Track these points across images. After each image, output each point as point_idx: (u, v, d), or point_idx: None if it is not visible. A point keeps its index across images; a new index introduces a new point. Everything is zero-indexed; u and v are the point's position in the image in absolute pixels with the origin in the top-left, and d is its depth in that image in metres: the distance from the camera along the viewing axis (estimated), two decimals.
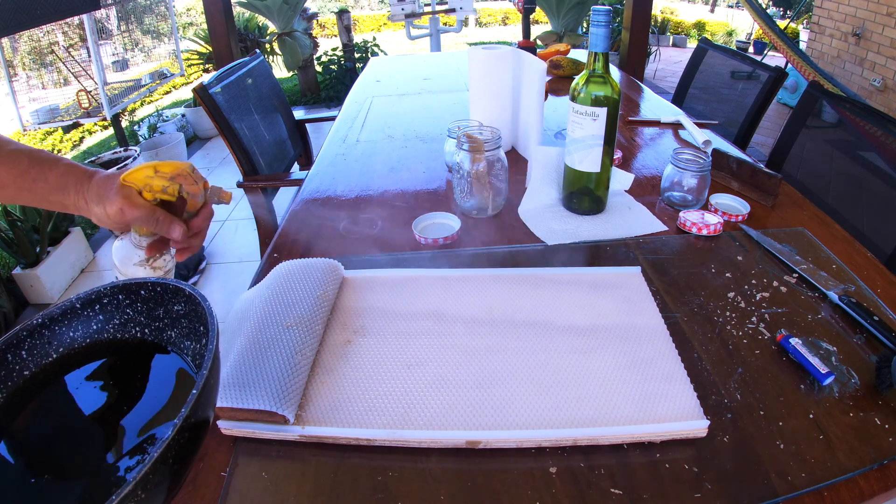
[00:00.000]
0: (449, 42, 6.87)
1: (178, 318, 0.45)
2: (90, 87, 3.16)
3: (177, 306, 0.45)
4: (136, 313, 0.46)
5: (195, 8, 7.03)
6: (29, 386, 0.42)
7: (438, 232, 0.86)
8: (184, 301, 0.44)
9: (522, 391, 0.53)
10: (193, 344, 0.44)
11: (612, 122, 0.80)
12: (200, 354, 0.42)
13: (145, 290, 0.45)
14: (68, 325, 0.45)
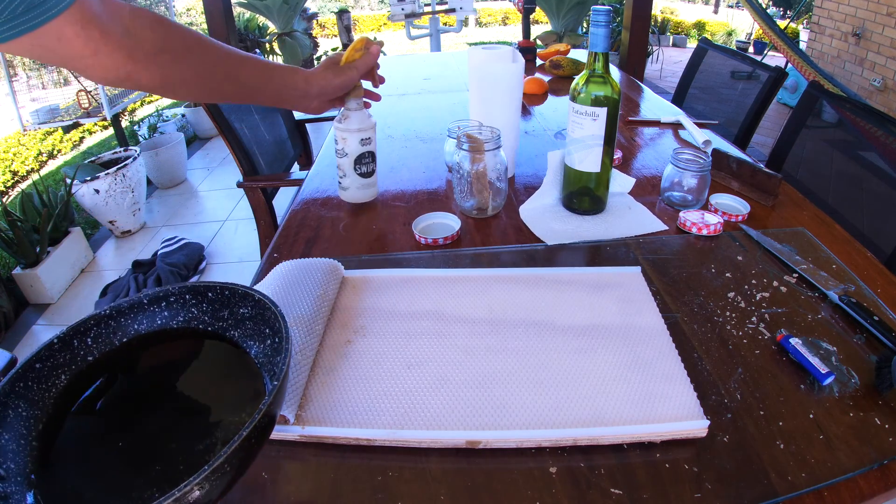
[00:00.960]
0: (449, 42, 6.87)
1: (242, 319, 0.47)
2: (90, 86, 3.15)
3: (242, 309, 0.47)
4: (200, 312, 0.48)
5: (195, 8, 7.03)
6: (91, 370, 0.44)
7: (438, 232, 0.86)
8: (251, 305, 0.46)
9: (522, 391, 0.53)
10: (257, 344, 0.46)
11: (612, 122, 0.80)
12: (263, 353, 0.45)
13: (213, 293, 0.48)
14: (133, 317, 0.47)
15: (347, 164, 0.91)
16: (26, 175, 3.55)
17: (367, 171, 0.93)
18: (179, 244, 2.37)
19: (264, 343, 0.45)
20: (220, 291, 0.47)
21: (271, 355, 0.44)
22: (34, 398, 0.39)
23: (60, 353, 0.42)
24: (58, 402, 0.40)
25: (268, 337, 0.45)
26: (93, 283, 2.29)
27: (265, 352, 0.45)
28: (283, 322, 0.42)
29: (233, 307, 0.47)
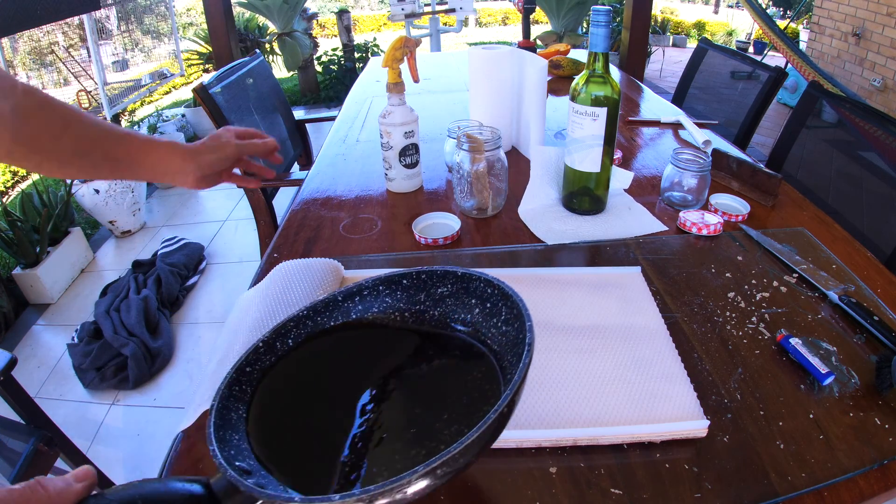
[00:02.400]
0: (449, 42, 6.87)
1: (441, 298, 0.48)
2: (90, 87, 3.16)
3: (441, 289, 0.48)
4: (394, 301, 0.49)
5: (195, 8, 7.03)
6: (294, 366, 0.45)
7: (438, 232, 0.86)
8: (451, 283, 0.48)
9: (522, 391, 0.53)
10: (464, 315, 0.47)
11: (612, 122, 0.80)
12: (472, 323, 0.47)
13: (407, 280, 0.49)
14: (330, 315, 0.48)
15: (393, 156, 0.95)
16: (26, 175, 3.55)
17: (412, 162, 0.97)
18: (179, 244, 2.37)
19: (471, 312, 0.47)
20: (416, 277, 0.49)
21: (483, 321, 0.46)
22: (246, 399, 0.40)
23: (265, 356, 0.43)
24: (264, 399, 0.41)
25: (474, 307, 0.46)
26: (93, 283, 2.29)
27: (475, 319, 0.47)
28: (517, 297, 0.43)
29: (429, 289, 0.49)
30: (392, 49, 0.92)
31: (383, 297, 0.49)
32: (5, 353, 0.93)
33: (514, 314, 0.43)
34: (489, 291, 0.46)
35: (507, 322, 0.44)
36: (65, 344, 1.86)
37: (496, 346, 0.45)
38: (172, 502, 0.31)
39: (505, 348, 0.44)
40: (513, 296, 0.44)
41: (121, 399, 1.68)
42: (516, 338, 0.42)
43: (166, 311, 1.99)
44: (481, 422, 0.33)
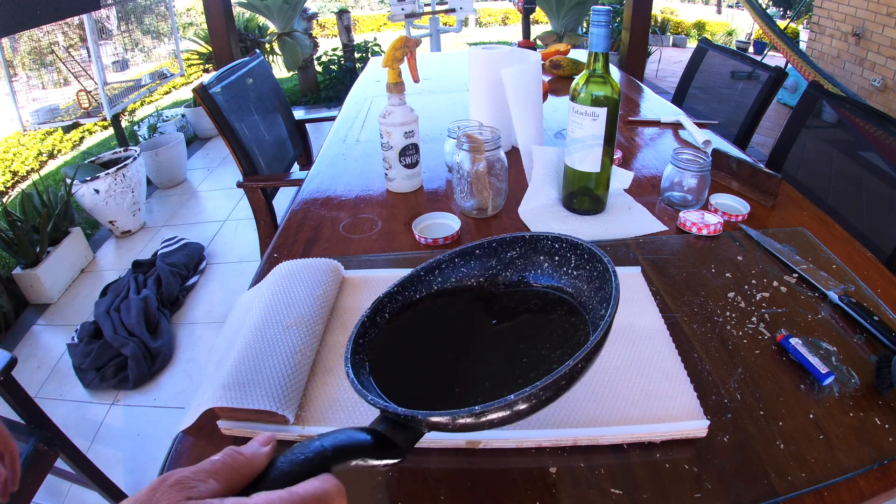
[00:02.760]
0: (449, 42, 6.87)
1: (511, 261, 0.55)
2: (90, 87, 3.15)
3: (510, 253, 0.55)
4: (469, 269, 0.56)
5: (195, 8, 7.03)
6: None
7: (438, 232, 0.86)
8: (519, 246, 0.55)
9: None
10: (535, 270, 0.54)
11: (612, 122, 0.80)
12: (544, 275, 0.54)
13: (479, 249, 0.56)
14: (414, 289, 0.54)
15: (393, 156, 0.95)
16: (26, 175, 3.55)
17: (412, 162, 0.97)
18: (179, 244, 2.37)
19: (541, 267, 0.54)
20: (488, 245, 0.55)
21: (554, 272, 0.53)
22: (365, 365, 0.47)
23: (371, 329, 0.50)
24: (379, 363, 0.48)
25: (544, 262, 0.54)
26: (93, 283, 2.29)
27: (546, 272, 0.54)
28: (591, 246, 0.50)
29: (499, 255, 0.55)
30: (392, 49, 0.92)
31: (459, 268, 0.56)
32: (5, 353, 0.93)
33: (586, 257, 0.51)
34: (556, 246, 0.53)
35: (577, 267, 0.52)
36: (65, 344, 1.86)
37: (570, 288, 0.52)
38: (358, 447, 0.34)
39: (580, 288, 0.51)
40: (581, 243, 0.51)
41: (121, 399, 1.68)
42: (590, 275, 0.50)
43: (166, 311, 1.99)
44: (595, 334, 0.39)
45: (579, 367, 0.38)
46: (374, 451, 0.35)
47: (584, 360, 0.38)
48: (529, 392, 0.36)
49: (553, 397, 0.38)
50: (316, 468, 0.31)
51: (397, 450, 0.36)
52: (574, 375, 0.39)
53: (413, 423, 0.37)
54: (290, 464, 0.32)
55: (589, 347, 0.38)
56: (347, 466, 0.33)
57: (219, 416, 0.52)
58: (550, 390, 0.37)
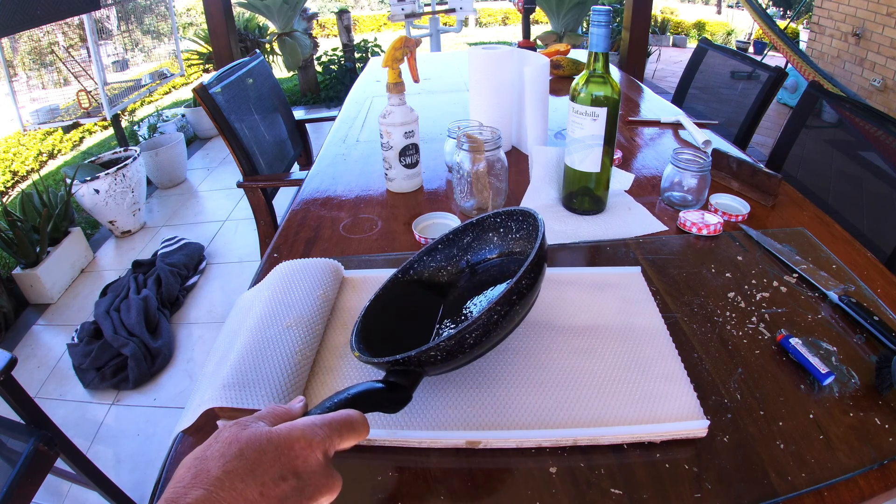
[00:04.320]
0: (449, 42, 6.86)
1: (468, 245, 0.65)
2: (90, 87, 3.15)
3: (465, 238, 0.65)
4: (437, 262, 0.65)
5: (195, 8, 7.03)
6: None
7: (438, 232, 0.86)
8: (470, 231, 0.65)
9: (522, 391, 0.53)
10: (489, 246, 0.65)
11: (612, 122, 0.80)
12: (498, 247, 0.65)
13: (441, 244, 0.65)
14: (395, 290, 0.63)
15: (393, 156, 0.95)
16: (26, 175, 3.55)
17: (412, 162, 0.97)
18: (179, 244, 2.37)
19: (492, 242, 0.64)
20: (445, 240, 0.65)
21: (504, 243, 0.64)
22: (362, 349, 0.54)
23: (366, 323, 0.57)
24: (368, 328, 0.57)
25: (493, 236, 0.64)
26: (93, 283, 2.29)
27: (498, 244, 0.64)
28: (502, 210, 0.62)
29: (458, 243, 0.65)
30: (392, 49, 0.92)
31: (429, 264, 0.65)
32: (5, 353, 0.93)
33: (520, 219, 0.61)
34: (497, 220, 0.63)
35: (518, 229, 0.62)
36: (65, 344, 1.86)
37: (518, 248, 0.63)
38: (374, 391, 0.43)
39: (526, 246, 0.62)
40: (513, 210, 0.61)
41: (121, 399, 1.68)
42: (529, 233, 0.60)
43: (166, 311, 1.99)
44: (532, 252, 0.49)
45: (523, 282, 0.47)
46: (387, 393, 0.44)
47: (526, 272, 0.47)
48: (489, 307, 0.45)
49: (510, 312, 0.47)
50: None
51: (404, 391, 0.45)
52: (520, 290, 0.47)
53: (410, 363, 0.46)
54: (322, 409, 0.40)
55: (531, 259, 0.48)
56: (368, 411, 0.41)
57: (219, 415, 0.52)
58: (505, 304, 0.46)
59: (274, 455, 0.33)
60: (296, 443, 0.34)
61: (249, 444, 0.33)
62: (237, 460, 0.32)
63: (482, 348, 0.48)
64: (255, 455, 0.32)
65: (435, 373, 0.49)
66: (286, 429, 0.35)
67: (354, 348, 0.52)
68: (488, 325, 0.46)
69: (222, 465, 0.31)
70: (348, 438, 0.37)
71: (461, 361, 0.48)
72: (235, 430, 0.34)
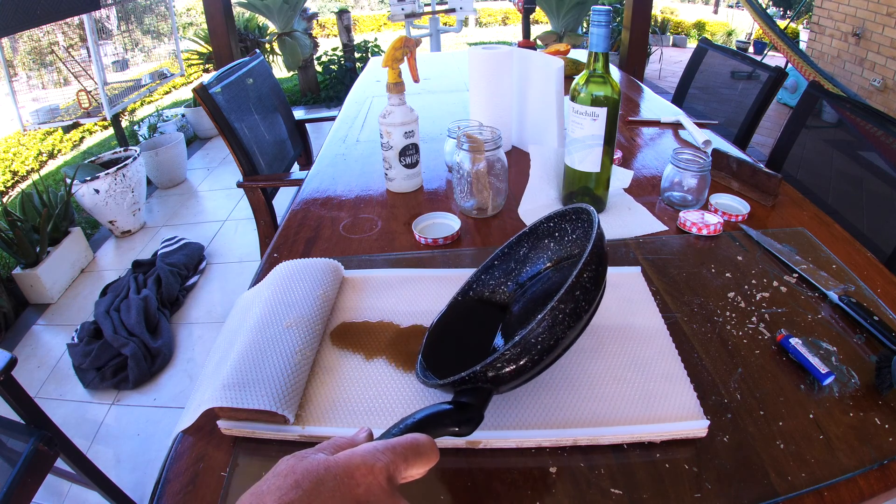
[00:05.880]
0: (449, 42, 6.86)
1: (525, 256, 0.62)
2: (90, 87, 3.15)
3: (521, 250, 0.62)
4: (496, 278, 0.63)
5: (195, 8, 7.03)
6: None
7: (438, 232, 0.86)
8: (525, 241, 0.62)
9: (522, 391, 0.53)
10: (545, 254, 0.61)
11: (612, 122, 0.80)
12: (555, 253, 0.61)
13: (497, 260, 0.63)
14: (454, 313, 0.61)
15: (393, 156, 0.95)
16: (26, 175, 3.55)
17: (412, 162, 0.97)
18: (179, 244, 2.37)
19: (549, 248, 0.61)
20: (500, 255, 0.63)
21: (560, 248, 0.60)
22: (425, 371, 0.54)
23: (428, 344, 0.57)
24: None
25: (549, 242, 0.61)
26: (93, 283, 2.29)
27: (555, 249, 0.61)
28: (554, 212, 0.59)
29: (514, 256, 0.63)
30: (392, 49, 0.92)
31: (487, 282, 0.63)
32: (5, 353, 0.93)
33: (573, 218, 0.57)
34: (550, 224, 0.60)
35: (574, 230, 0.58)
36: (65, 344, 1.86)
37: (577, 249, 0.59)
38: (442, 413, 0.41)
39: (584, 246, 0.57)
40: (565, 210, 0.58)
41: (121, 399, 1.68)
42: (585, 231, 0.57)
43: (166, 311, 1.99)
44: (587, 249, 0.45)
45: (584, 275, 0.44)
46: (456, 414, 0.41)
47: (586, 264, 0.44)
48: (552, 306, 0.42)
49: (575, 310, 0.44)
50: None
51: (475, 410, 0.43)
52: (582, 284, 0.44)
53: (477, 380, 0.44)
54: (388, 436, 0.37)
55: (589, 250, 0.45)
56: (439, 435, 0.40)
57: (219, 415, 0.52)
58: (569, 301, 0.43)
59: (333, 485, 0.31)
60: (356, 470, 0.32)
61: (306, 476, 0.31)
62: (293, 492, 0.30)
63: (550, 353, 0.44)
64: (312, 486, 0.30)
65: (505, 388, 0.46)
66: (345, 456, 0.33)
67: (421, 375, 0.51)
68: (553, 325, 0.43)
69: (278, 499, 0.29)
70: (415, 464, 0.35)
71: (530, 370, 0.45)
72: (292, 462, 0.32)
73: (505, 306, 0.61)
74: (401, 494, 0.33)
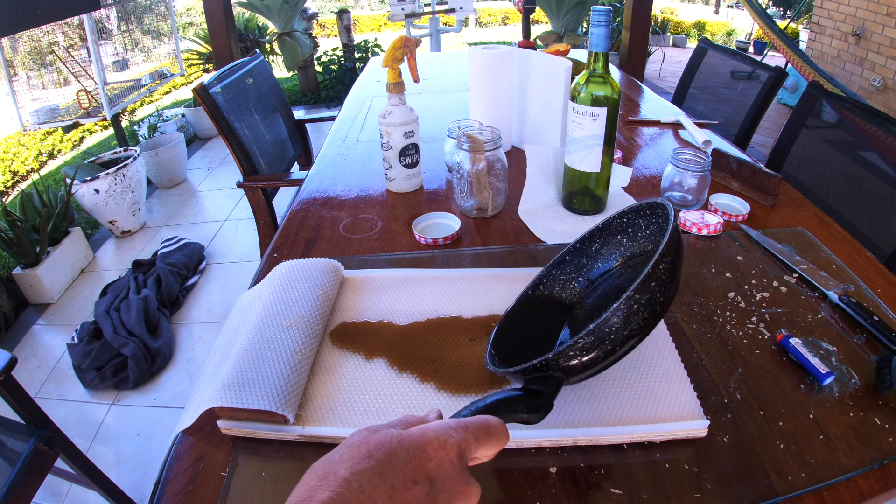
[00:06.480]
0: (449, 42, 6.86)
1: (597, 252, 0.61)
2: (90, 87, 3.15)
3: (594, 245, 0.61)
4: (567, 274, 0.62)
5: (195, 8, 7.03)
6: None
7: (438, 232, 0.86)
8: (597, 237, 0.60)
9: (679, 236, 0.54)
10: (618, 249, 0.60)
11: (612, 122, 0.80)
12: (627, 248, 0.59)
13: (568, 255, 0.62)
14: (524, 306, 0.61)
15: (393, 156, 0.95)
16: (26, 175, 3.55)
17: (412, 162, 0.97)
18: (179, 244, 2.37)
19: (622, 244, 0.59)
20: (573, 250, 0.61)
21: (633, 243, 0.58)
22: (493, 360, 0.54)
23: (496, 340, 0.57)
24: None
25: (622, 238, 0.59)
26: (93, 283, 2.29)
27: (628, 245, 0.59)
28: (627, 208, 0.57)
29: (586, 251, 0.61)
30: (392, 49, 0.92)
31: (558, 277, 0.62)
32: (5, 353, 0.93)
33: (648, 213, 0.56)
34: (624, 220, 0.58)
35: (647, 225, 0.56)
36: (65, 344, 1.86)
37: (650, 246, 0.57)
38: (512, 398, 0.42)
39: (659, 239, 0.55)
40: (639, 205, 0.56)
41: (121, 399, 1.68)
42: (660, 226, 0.55)
43: (166, 311, 1.99)
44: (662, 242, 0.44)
45: (660, 266, 0.43)
46: (527, 400, 0.42)
47: (662, 256, 0.43)
48: (627, 295, 0.42)
49: (650, 301, 0.43)
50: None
51: (545, 397, 0.43)
52: (658, 275, 0.43)
53: (549, 367, 0.44)
54: (458, 417, 0.38)
55: (661, 250, 0.43)
56: (509, 420, 0.39)
57: (219, 415, 0.52)
58: (644, 292, 0.43)
59: (405, 457, 0.31)
60: (428, 445, 0.32)
61: (379, 447, 0.31)
62: (365, 461, 0.30)
63: (623, 345, 0.44)
64: (385, 457, 0.31)
65: (575, 378, 0.46)
66: (418, 431, 0.33)
67: (490, 364, 0.52)
68: (628, 315, 0.42)
69: (350, 467, 0.30)
70: (486, 444, 0.35)
71: (601, 360, 0.45)
72: (365, 435, 0.33)
73: (573, 304, 0.60)
74: (470, 474, 0.33)
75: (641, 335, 0.45)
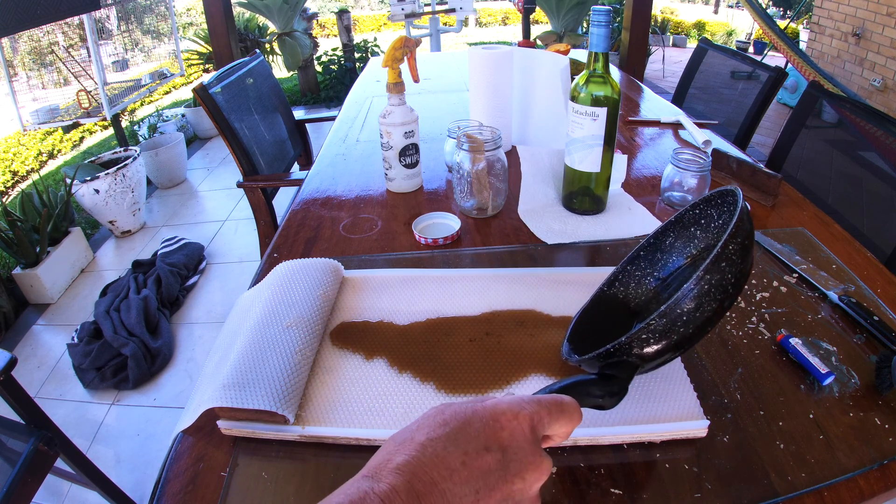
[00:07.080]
0: (449, 42, 6.86)
1: (671, 246, 0.59)
2: (90, 87, 3.15)
3: (667, 240, 0.60)
4: (641, 270, 0.61)
5: (195, 8, 7.03)
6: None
7: (438, 232, 0.86)
8: (671, 231, 0.59)
9: (522, 391, 0.53)
10: (691, 242, 0.58)
11: (612, 122, 0.80)
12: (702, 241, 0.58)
13: (643, 251, 0.61)
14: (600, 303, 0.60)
15: (393, 156, 0.95)
16: (26, 175, 3.55)
17: (412, 162, 0.97)
18: (179, 244, 2.37)
19: (696, 237, 0.58)
20: (647, 245, 0.61)
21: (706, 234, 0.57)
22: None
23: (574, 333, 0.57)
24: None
25: (695, 231, 0.58)
26: (93, 283, 2.29)
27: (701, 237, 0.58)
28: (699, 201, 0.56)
29: (660, 246, 0.60)
30: (392, 49, 0.92)
31: (633, 272, 0.61)
32: (5, 353, 0.93)
33: (719, 202, 0.54)
34: (697, 212, 0.57)
35: (720, 216, 0.55)
36: (65, 344, 1.86)
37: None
38: (586, 381, 0.42)
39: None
40: (711, 195, 0.55)
41: (121, 399, 1.68)
42: (732, 215, 0.52)
43: (166, 311, 1.99)
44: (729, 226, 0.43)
45: (729, 246, 0.43)
46: (602, 384, 0.42)
47: (731, 236, 0.43)
48: (698, 275, 0.42)
49: (721, 281, 0.43)
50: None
51: (619, 382, 0.43)
52: (727, 255, 0.43)
53: (623, 352, 0.44)
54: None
55: (730, 230, 0.43)
56: (583, 404, 0.40)
57: (219, 415, 0.52)
58: (714, 272, 0.42)
59: (479, 426, 0.32)
60: (502, 415, 0.33)
61: (454, 416, 0.33)
62: (441, 429, 0.32)
63: (696, 325, 0.44)
64: (460, 425, 0.32)
65: (650, 364, 0.46)
66: (492, 402, 0.34)
67: (566, 355, 0.53)
68: (700, 296, 0.42)
69: (426, 433, 0.32)
70: (559, 420, 0.35)
71: (675, 342, 0.45)
72: (441, 407, 0.34)
73: (648, 301, 0.60)
74: (542, 448, 0.34)
75: (715, 316, 0.44)
